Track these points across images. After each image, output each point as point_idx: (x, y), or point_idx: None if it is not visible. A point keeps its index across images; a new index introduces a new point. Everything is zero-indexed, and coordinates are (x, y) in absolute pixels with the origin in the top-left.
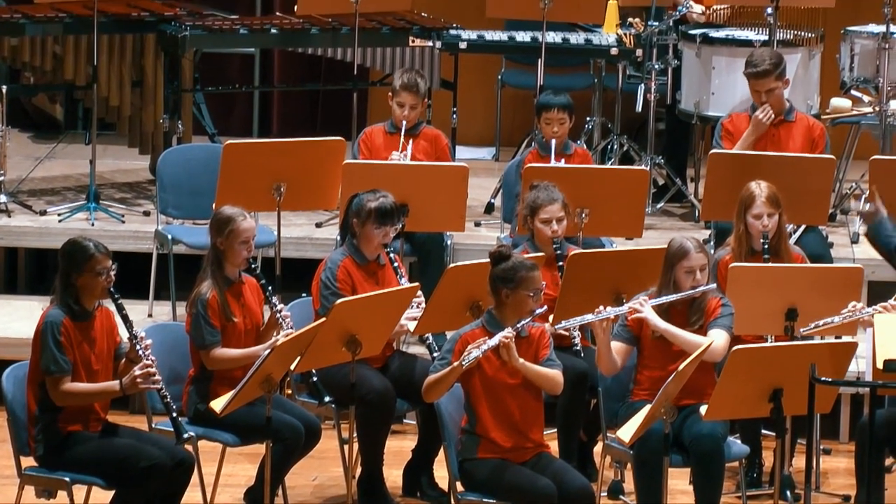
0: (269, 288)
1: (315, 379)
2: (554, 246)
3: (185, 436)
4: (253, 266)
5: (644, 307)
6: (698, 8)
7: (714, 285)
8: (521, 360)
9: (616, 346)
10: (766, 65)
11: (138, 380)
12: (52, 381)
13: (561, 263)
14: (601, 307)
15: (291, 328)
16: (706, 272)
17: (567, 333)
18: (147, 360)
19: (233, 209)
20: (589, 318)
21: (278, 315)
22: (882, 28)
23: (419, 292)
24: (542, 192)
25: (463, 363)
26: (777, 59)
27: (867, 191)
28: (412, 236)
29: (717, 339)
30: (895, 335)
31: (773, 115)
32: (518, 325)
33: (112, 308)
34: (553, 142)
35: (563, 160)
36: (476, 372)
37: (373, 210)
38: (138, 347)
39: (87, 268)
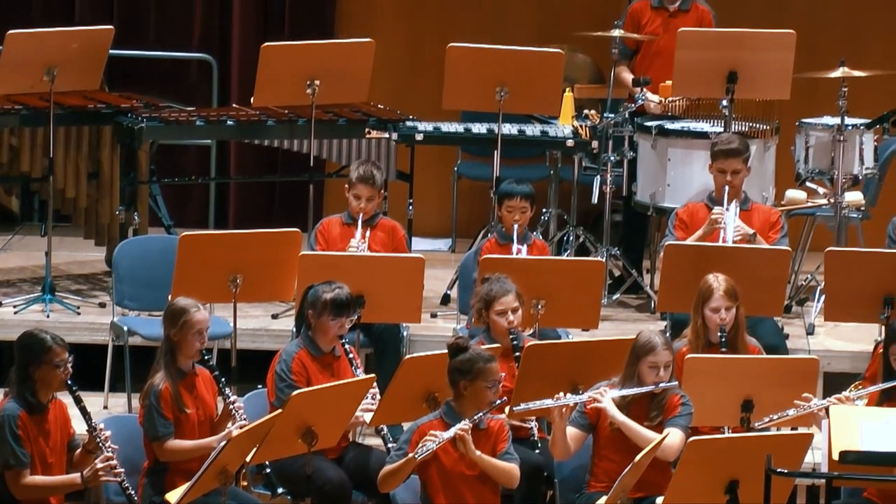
0: (223, 379)
1: (268, 471)
2: (511, 337)
3: None
4: (206, 357)
5: (604, 398)
6: (655, 98)
7: (676, 383)
8: (478, 453)
9: (571, 432)
10: (736, 143)
11: (100, 472)
12: (12, 476)
13: (518, 355)
14: (560, 394)
15: (245, 420)
16: (670, 369)
17: (524, 424)
18: (107, 451)
19: (186, 300)
20: (548, 403)
21: (231, 407)
22: (837, 120)
23: (374, 385)
24: (495, 284)
25: (417, 455)
26: (746, 143)
27: None
28: (369, 328)
29: (672, 437)
30: (850, 426)
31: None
32: (476, 417)
33: (66, 401)
34: (515, 227)
35: (524, 247)
36: (434, 463)
37: (328, 301)
38: (98, 439)
39: (46, 360)
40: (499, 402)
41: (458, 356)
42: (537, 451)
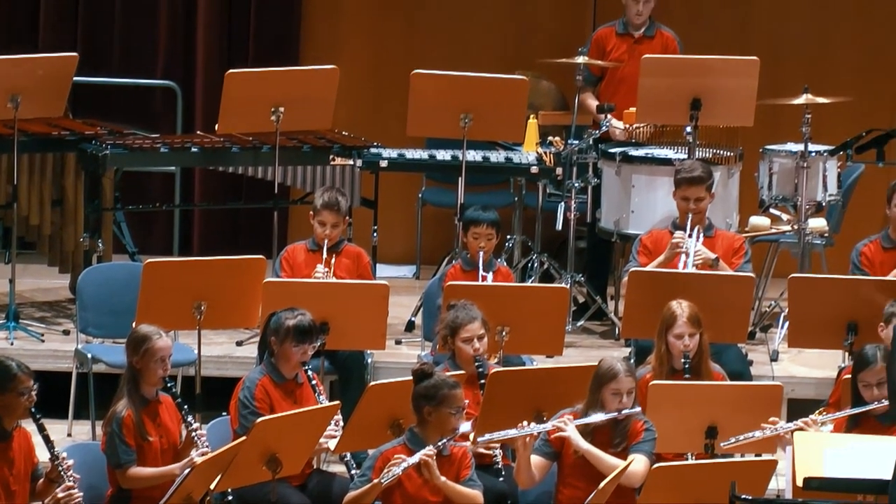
0: (185, 407)
1: (230, 498)
2: (476, 364)
3: None
4: (170, 385)
5: (568, 426)
6: (619, 124)
7: (639, 409)
8: (443, 479)
9: (536, 460)
10: (699, 171)
11: (61, 501)
12: None
13: (483, 382)
14: (524, 422)
15: (207, 447)
16: (633, 395)
17: (488, 451)
18: (69, 480)
19: (149, 328)
20: (512, 433)
21: (193, 434)
22: (800, 147)
23: (338, 412)
24: (462, 311)
25: (382, 480)
26: (709, 170)
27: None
28: (333, 354)
29: (636, 463)
30: (815, 452)
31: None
32: (440, 444)
33: (30, 428)
34: (481, 254)
35: (489, 274)
36: (397, 490)
37: (291, 328)
38: (60, 468)
39: (11, 388)
40: (463, 429)
41: (423, 382)
42: (501, 478)
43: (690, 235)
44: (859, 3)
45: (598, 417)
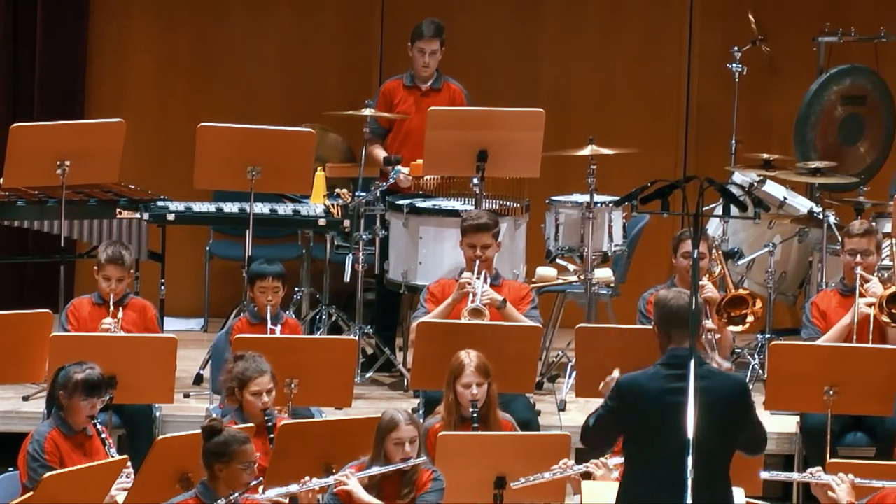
0: None
1: None
2: (266, 417)
3: None
4: None
5: (350, 480)
6: (406, 170)
7: (424, 458)
8: None
9: None
10: (485, 218)
11: None
12: None
13: (273, 436)
14: (307, 478)
15: None
16: (416, 444)
17: None
18: None
19: None
20: (294, 488)
21: None
22: (586, 198)
23: (128, 464)
24: (251, 363)
25: None
26: (495, 218)
27: None
28: (120, 408)
29: None
30: (602, 501)
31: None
32: (231, 498)
33: None
34: (269, 309)
35: (277, 327)
36: None
37: (79, 382)
38: None
39: None
40: (254, 482)
41: (213, 439)
42: None
43: (478, 278)
44: (643, 56)
45: (380, 469)
